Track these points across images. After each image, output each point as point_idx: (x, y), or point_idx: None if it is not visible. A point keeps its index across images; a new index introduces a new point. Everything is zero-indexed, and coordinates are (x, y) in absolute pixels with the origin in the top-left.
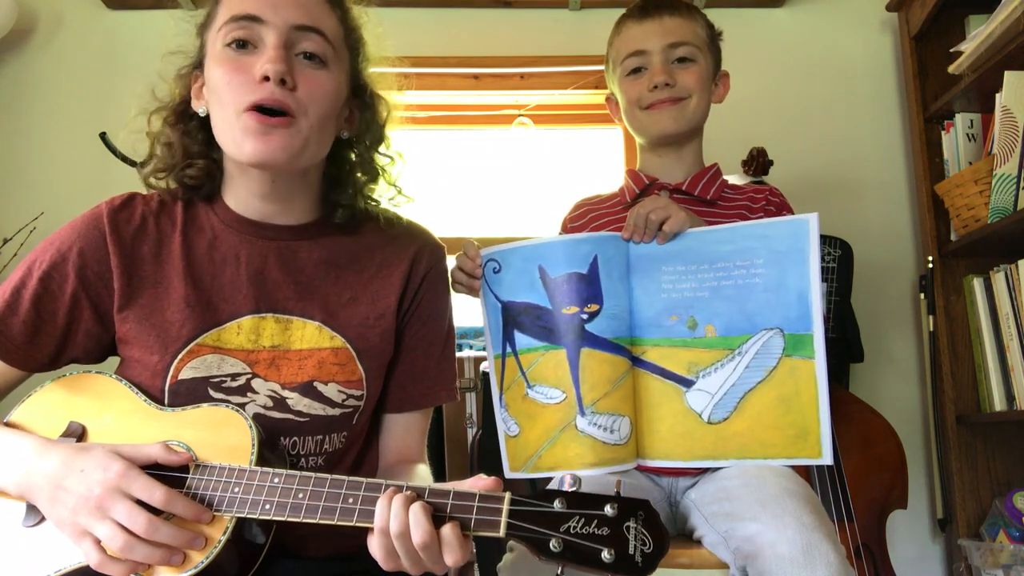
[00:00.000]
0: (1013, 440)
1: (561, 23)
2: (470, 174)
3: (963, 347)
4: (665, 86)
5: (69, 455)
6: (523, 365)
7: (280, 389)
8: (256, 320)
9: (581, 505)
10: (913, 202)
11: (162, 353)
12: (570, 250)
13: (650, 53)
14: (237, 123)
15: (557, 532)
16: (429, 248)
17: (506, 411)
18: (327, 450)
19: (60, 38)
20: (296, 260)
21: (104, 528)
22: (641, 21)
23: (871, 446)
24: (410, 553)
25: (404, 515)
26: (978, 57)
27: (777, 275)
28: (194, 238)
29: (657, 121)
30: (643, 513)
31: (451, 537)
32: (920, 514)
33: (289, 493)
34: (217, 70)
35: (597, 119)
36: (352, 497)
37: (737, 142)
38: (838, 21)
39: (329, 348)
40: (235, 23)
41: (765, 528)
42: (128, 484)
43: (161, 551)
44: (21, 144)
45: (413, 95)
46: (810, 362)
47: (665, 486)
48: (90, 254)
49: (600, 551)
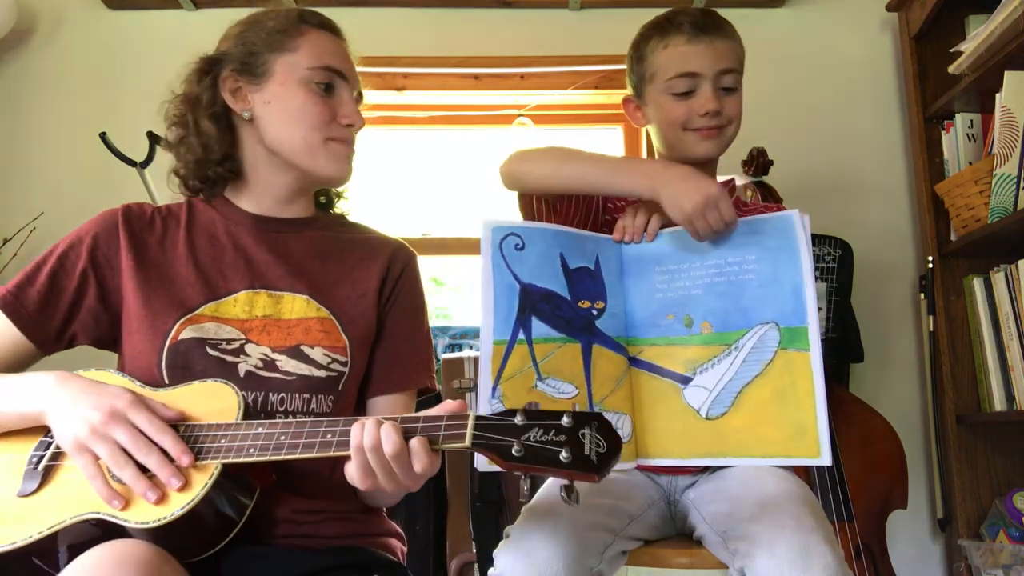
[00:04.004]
0: (1013, 440)
1: (561, 23)
2: (470, 174)
3: (963, 347)
4: (715, 114)
5: (88, 384)
6: (536, 355)
7: (270, 352)
8: (251, 295)
9: (539, 418)
10: (913, 202)
11: (165, 317)
12: (583, 244)
13: (702, 78)
14: (324, 147)
15: (518, 439)
16: (404, 250)
17: (500, 403)
18: (314, 410)
19: (60, 38)
20: (286, 247)
21: (103, 446)
22: (693, 42)
23: (871, 446)
24: (383, 465)
25: (376, 431)
26: (978, 57)
27: (771, 270)
28: (196, 232)
29: (701, 146)
30: (596, 422)
31: (419, 447)
32: (920, 514)
33: (272, 436)
34: (303, 97)
35: (597, 119)
36: (331, 432)
37: (737, 142)
38: (838, 21)
39: (316, 317)
40: (326, 72)
41: (763, 529)
42: (133, 412)
43: (144, 480)
44: (21, 144)
45: (413, 95)
46: (805, 354)
47: (664, 485)
48: (103, 239)
49: (558, 452)
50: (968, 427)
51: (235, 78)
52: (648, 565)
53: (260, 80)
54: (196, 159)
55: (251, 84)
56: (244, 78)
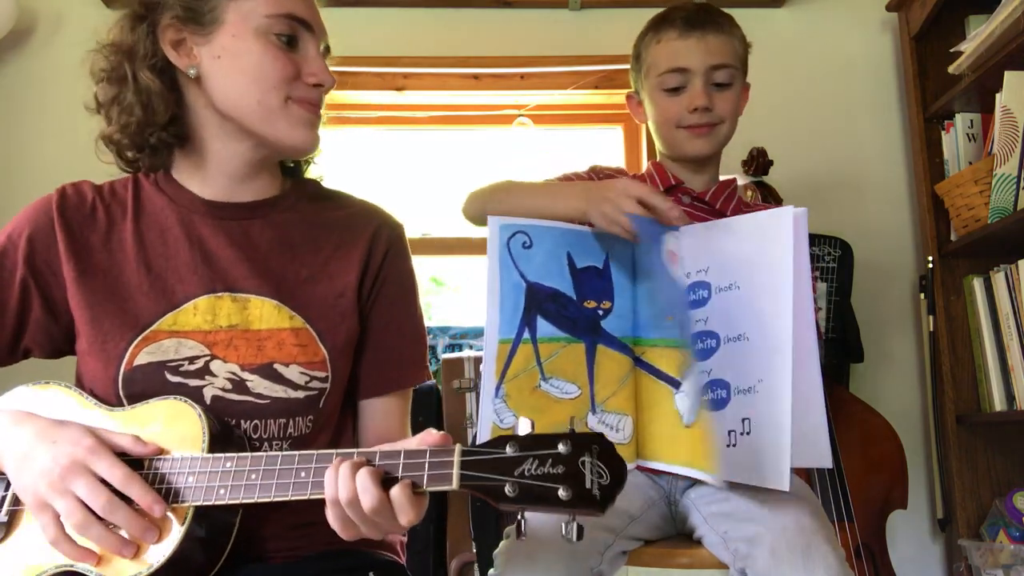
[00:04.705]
0: (1013, 440)
1: (561, 23)
2: (470, 174)
3: (963, 347)
4: (704, 111)
5: (45, 426)
6: (541, 355)
7: (239, 371)
8: (212, 300)
9: (534, 446)
10: (913, 202)
11: (117, 340)
12: (592, 243)
13: (692, 73)
14: (284, 109)
15: (511, 476)
16: (388, 226)
17: (503, 402)
18: (291, 434)
19: (60, 38)
20: (248, 239)
21: (63, 502)
22: (684, 36)
23: (871, 446)
24: (363, 519)
25: (351, 482)
26: (978, 57)
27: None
28: (145, 223)
29: (691, 143)
30: (597, 446)
31: (401, 498)
32: (920, 514)
33: (242, 475)
34: (259, 51)
35: (597, 119)
36: (304, 471)
37: (737, 142)
38: (838, 21)
39: (289, 328)
40: (288, 21)
41: (764, 529)
42: (94, 460)
43: (115, 538)
44: (21, 144)
45: (413, 95)
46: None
47: (664, 485)
48: (39, 241)
49: (556, 490)
50: (968, 427)
51: (177, 27)
52: (648, 565)
53: (208, 30)
54: (136, 121)
55: (197, 35)
56: (189, 27)
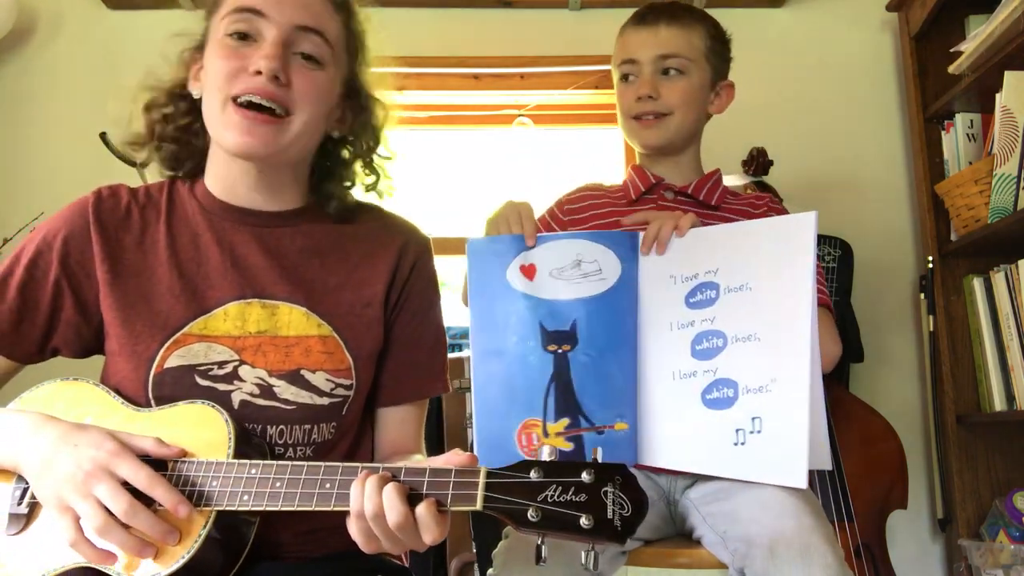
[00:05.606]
0: (1013, 440)
1: (561, 23)
2: (470, 174)
3: (963, 347)
4: (648, 99)
5: (66, 431)
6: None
7: (267, 376)
8: (242, 306)
9: (558, 474)
10: (913, 202)
11: (148, 341)
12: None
13: (640, 63)
14: (223, 113)
15: (535, 502)
16: (415, 242)
17: None
18: (315, 440)
19: (60, 38)
20: (279, 246)
21: (85, 505)
22: (638, 28)
23: (871, 446)
24: (387, 534)
25: (378, 497)
26: (978, 57)
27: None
28: (178, 227)
29: (640, 134)
30: (620, 478)
31: (426, 516)
32: (920, 514)
33: (267, 483)
34: (214, 57)
35: (597, 119)
36: (329, 482)
37: (737, 142)
38: (838, 21)
39: (317, 336)
40: (239, 14)
41: (763, 529)
42: (118, 464)
43: (135, 541)
44: (21, 144)
45: (413, 95)
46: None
47: (663, 485)
48: (74, 242)
49: (578, 517)
50: (968, 427)
51: (197, 57)
52: (648, 565)
53: (204, 52)
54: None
55: (201, 59)
56: (199, 54)
